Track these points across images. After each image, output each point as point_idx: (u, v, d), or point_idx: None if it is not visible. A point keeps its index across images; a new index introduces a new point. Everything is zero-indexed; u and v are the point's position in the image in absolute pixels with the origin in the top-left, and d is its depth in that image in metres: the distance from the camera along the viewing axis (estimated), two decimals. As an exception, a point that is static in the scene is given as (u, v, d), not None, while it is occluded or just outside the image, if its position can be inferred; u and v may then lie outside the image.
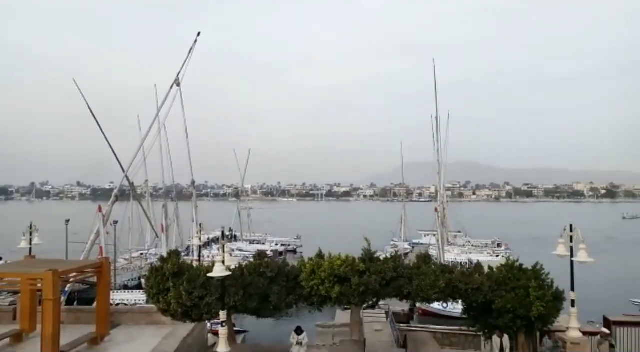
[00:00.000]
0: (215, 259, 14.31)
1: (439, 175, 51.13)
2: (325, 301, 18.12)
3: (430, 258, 19.55)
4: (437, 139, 50.25)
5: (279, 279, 17.93)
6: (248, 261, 19.40)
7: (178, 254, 19.56)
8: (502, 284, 17.78)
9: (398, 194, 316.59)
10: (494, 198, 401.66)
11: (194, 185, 63.45)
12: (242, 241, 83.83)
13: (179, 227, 63.48)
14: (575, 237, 16.53)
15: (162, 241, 51.68)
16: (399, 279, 17.82)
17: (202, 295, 16.94)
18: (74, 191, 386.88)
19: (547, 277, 17.97)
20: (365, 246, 18.72)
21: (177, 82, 37.67)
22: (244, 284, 17.27)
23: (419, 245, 77.82)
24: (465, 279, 17.69)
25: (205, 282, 16.83)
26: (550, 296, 17.31)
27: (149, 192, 66.28)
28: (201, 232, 29.36)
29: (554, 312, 17.64)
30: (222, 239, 15.23)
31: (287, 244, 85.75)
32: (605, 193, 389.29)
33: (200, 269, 18.12)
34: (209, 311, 17.17)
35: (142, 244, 63.70)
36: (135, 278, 51.28)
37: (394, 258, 18.75)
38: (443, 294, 17.89)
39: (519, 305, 17.24)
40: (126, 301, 36.45)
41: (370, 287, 17.42)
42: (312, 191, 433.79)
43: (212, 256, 51.32)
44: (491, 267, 18.87)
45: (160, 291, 17.81)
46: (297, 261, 19.42)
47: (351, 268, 17.66)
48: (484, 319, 18.55)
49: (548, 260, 18.28)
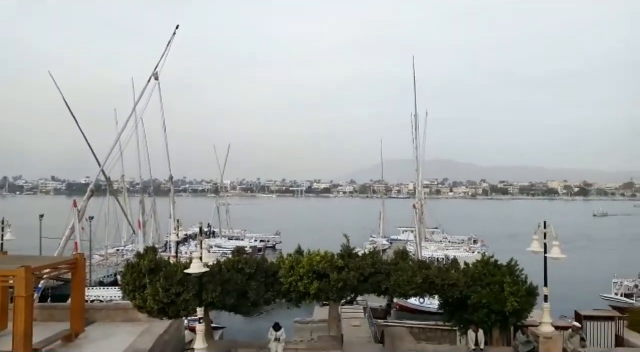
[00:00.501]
0: (193, 255, 14.21)
1: (418, 172, 51.65)
2: (303, 297, 18.17)
3: (408, 254, 19.79)
4: (415, 136, 50.80)
5: (257, 275, 17.91)
6: (226, 258, 19.30)
7: (155, 250, 19.37)
8: (478, 280, 18.10)
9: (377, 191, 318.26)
10: (471, 195, 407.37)
11: (172, 180, 62.77)
12: (221, 237, 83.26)
13: (157, 223, 62.86)
14: (548, 234, 16.89)
15: (139, 237, 51.12)
16: (377, 275, 17.99)
17: (179, 292, 16.79)
18: (49, 186, 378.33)
19: (522, 273, 18.36)
20: (345, 243, 18.83)
21: (156, 76, 37.08)
22: (222, 280, 17.19)
23: (397, 241, 78.50)
24: (442, 275, 17.96)
25: (182, 278, 16.67)
26: (524, 292, 17.71)
27: (125, 188, 65.40)
28: (179, 229, 29.05)
29: (528, 307, 18.06)
30: (199, 236, 15.13)
31: (267, 240, 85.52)
32: (579, 191, 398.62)
33: (177, 265, 17.94)
34: (186, 308, 17.05)
35: (119, 240, 62.86)
36: (111, 275, 50.62)
37: (372, 254, 18.92)
38: (420, 289, 18.15)
39: (493, 300, 17.59)
40: (102, 298, 36.03)
41: (348, 283, 17.54)
42: (292, 187, 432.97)
43: (190, 252, 50.90)
44: (467, 263, 19.17)
45: (137, 288, 17.62)
46: (276, 258, 19.42)
47: (330, 264, 17.75)
48: (459, 314, 18.86)
49: (523, 256, 18.65)
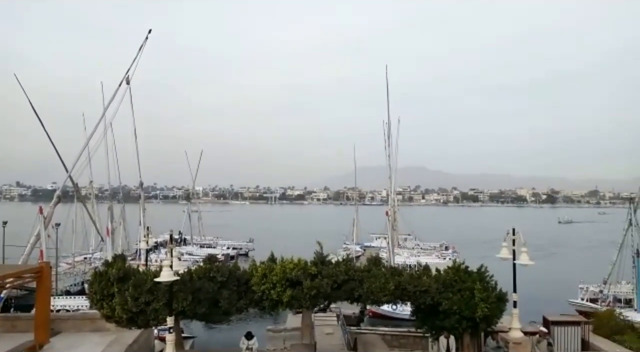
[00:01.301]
0: (163, 263, 13.96)
1: (390, 179, 52.07)
2: (276, 305, 18.02)
3: (381, 261, 19.86)
4: (388, 144, 51.25)
5: (229, 283, 17.68)
6: (198, 265, 19.02)
7: (124, 258, 18.96)
8: (449, 286, 18.29)
9: (351, 198, 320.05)
10: (442, 202, 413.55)
11: (142, 186, 61.63)
12: (192, 245, 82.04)
13: (126, 231, 61.52)
14: (517, 241, 17.26)
15: (107, 245, 49.91)
16: (350, 282, 18.00)
17: (148, 300, 16.45)
18: (13, 192, 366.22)
19: (491, 279, 18.65)
20: (318, 249, 18.80)
21: (127, 80, 36.55)
22: (193, 288, 16.93)
23: (371, 248, 78.88)
24: (414, 281, 18.09)
25: (152, 287, 16.36)
26: (494, 298, 17.98)
27: (94, 194, 63.87)
28: (149, 236, 28.51)
29: (498, 313, 18.33)
30: (170, 243, 14.87)
31: (239, 247, 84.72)
32: (546, 198, 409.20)
33: (147, 273, 17.60)
34: (155, 317, 16.71)
35: (86, 247, 61.22)
36: (78, 283, 49.27)
37: (345, 261, 18.92)
38: (392, 296, 18.22)
39: (464, 306, 17.79)
40: (68, 307, 35.05)
41: (321, 290, 17.49)
42: (265, 193, 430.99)
43: (160, 260, 49.99)
44: (438, 269, 19.38)
45: (105, 297, 17.20)
46: (249, 265, 19.24)
47: (303, 271, 17.67)
48: (431, 321, 19.01)
49: (492, 262, 18.98)
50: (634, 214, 39.12)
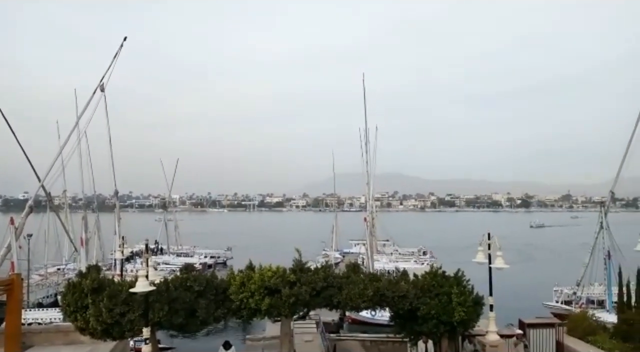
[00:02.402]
0: (139, 273, 13.75)
1: (368, 186, 52.40)
2: (254, 313, 17.90)
3: (359, 267, 19.92)
4: (366, 150, 51.60)
5: (206, 292, 17.48)
6: (174, 275, 18.77)
7: (98, 268, 18.63)
8: (427, 291, 18.47)
9: (330, 204, 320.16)
10: (420, 208, 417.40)
11: (117, 195, 60.52)
12: (169, 254, 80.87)
13: (100, 240, 60.23)
14: (492, 245, 17.55)
15: (81, 255, 48.83)
16: (329, 289, 18.00)
17: (123, 311, 16.14)
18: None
19: (468, 283, 18.90)
20: (296, 257, 18.76)
21: (102, 88, 36.01)
22: (170, 298, 16.68)
23: (350, 254, 78.97)
24: (392, 287, 18.19)
25: (127, 297, 16.05)
26: (470, 302, 18.23)
27: (67, 203, 62.51)
28: (124, 245, 28.01)
29: (474, 316, 18.58)
30: (145, 253, 14.67)
31: (217, 256, 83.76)
32: (521, 203, 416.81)
33: (122, 284, 17.28)
34: (131, 328, 16.39)
35: (59, 258, 59.74)
36: (51, 295, 48.05)
37: (324, 268, 18.91)
38: (371, 302, 18.27)
39: (442, 311, 17.98)
40: (40, 320, 34.07)
41: (300, 297, 17.44)
42: (244, 201, 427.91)
43: (135, 270, 49.13)
44: (416, 274, 19.55)
45: (78, 308, 16.81)
46: (227, 274, 19.08)
47: (282, 279, 17.59)
48: (409, 326, 19.14)
49: (469, 266, 19.25)
50: (604, 217, 40.10)
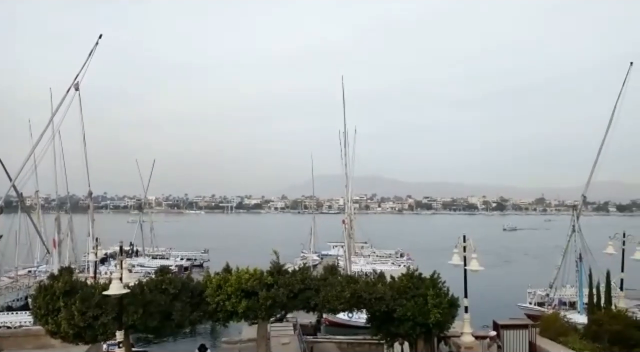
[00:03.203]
0: (112, 275, 13.53)
1: (347, 188, 52.52)
2: (231, 316, 17.79)
3: (337, 269, 19.98)
4: (345, 153, 51.70)
5: (182, 295, 17.31)
6: (149, 277, 18.52)
7: (70, 271, 18.24)
8: (403, 293, 18.60)
9: (309, 206, 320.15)
10: (398, 210, 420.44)
11: (91, 196, 59.27)
12: (144, 256, 79.58)
13: (73, 242, 58.92)
14: (467, 248, 17.79)
15: (54, 257, 47.74)
16: (307, 291, 18.01)
17: (96, 314, 15.87)
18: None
19: (444, 285, 19.12)
20: (274, 259, 18.71)
21: (76, 86, 35.38)
22: (144, 301, 16.45)
23: (328, 256, 79.06)
24: (369, 289, 18.29)
25: (100, 300, 15.79)
26: (446, 303, 18.44)
27: (39, 204, 61.03)
28: (97, 247, 27.50)
29: (450, 318, 18.81)
30: (119, 255, 14.44)
31: (193, 258, 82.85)
32: (496, 206, 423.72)
33: (95, 286, 16.99)
34: (104, 332, 16.14)
35: (31, 260, 58.23)
36: (22, 298, 46.77)
37: (302, 270, 18.93)
38: (348, 304, 18.35)
39: (418, 312, 18.13)
40: (9, 324, 33.16)
41: (277, 300, 17.40)
42: (221, 202, 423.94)
43: (110, 272, 48.24)
44: (393, 277, 19.67)
45: (50, 312, 16.46)
46: (203, 276, 18.90)
47: (259, 282, 17.52)
48: (386, 327, 19.25)
49: (444, 268, 19.46)
50: (576, 221, 41.00)
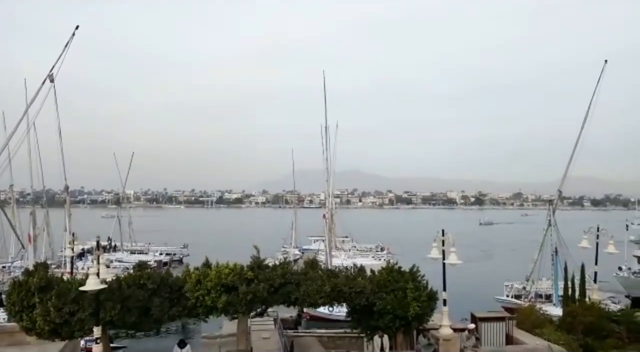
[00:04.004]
0: (89, 271, 13.32)
1: (328, 182, 52.65)
2: (211, 311, 17.70)
3: (317, 263, 20.03)
4: (326, 148, 51.78)
5: (161, 290, 17.14)
6: (128, 273, 18.29)
7: (46, 266, 17.92)
8: (383, 286, 18.75)
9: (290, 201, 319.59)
10: (378, 205, 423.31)
11: (67, 190, 58.17)
12: (123, 251, 78.61)
13: (50, 237, 57.84)
14: (446, 242, 18.00)
15: (29, 252, 46.86)
16: (287, 286, 18.01)
17: (73, 310, 15.62)
18: None
19: (423, 278, 19.33)
20: (254, 254, 18.65)
21: (51, 78, 34.71)
22: (122, 297, 16.25)
23: (309, 251, 79.22)
24: (350, 283, 18.40)
25: (77, 296, 15.54)
26: (425, 296, 18.64)
27: (14, 198, 59.69)
28: (74, 242, 27.04)
29: (429, 311, 19.03)
30: (96, 250, 14.22)
31: (173, 253, 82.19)
32: (474, 201, 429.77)
33: (71, 282, 16.71)
34: (81, 328, 15.90)
35: (5, 256, 56.94)
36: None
37: (282, 265, 18.92)
38: (329, 298, 18.43)
39: (397, 306, 18.31)
40: (-18, 321, 32.39)
41: (258, 295, 17.37)
42: (201, 197, 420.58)
43: (87, 267, 47.49)
44: (373, 270, 19.80)
45: (24, 308, 16.15)
46: (182, 271, 18.74)
47: (239, 276, 17.46)
48: (366, 321, 19.39)
49: (424, 262, 19.65)
50: (552, 215, 41.84)
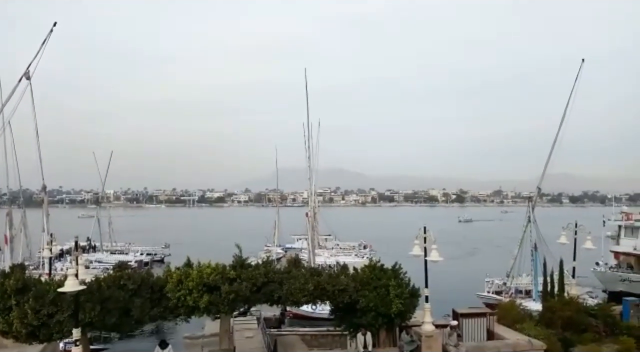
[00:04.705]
0: (68, 272, 13.08)
1: (310, 181, 52.58)
2: (192, 311, 17.56)
3: (300, 262, 20.03)
4: (308, 146, 51.69)
5: (142, 291, 16.95)
6: (107, 273, 18.03)
7: (23, 267, 17.60)
8: (366, 284, 18.84)
9: (273, 200, 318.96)
10: (361, 203, 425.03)
11: (45, 190, 57.08)
12: (102, 252, 77.50)
13: (27, 238, 56.64)
14: (428, 239, 18.14)
15: (5, 254, 45.84)
16: (270, 284, 17.96)
17: (51, 312, 15.34)
18: None
19: (405, 275, 19.46)
20: (237, 253, 18.55)
21: (27, 76, 34.02)
22: (102, 298, 16.02)
23: (292, 249, 79.14)
24: (332, 281, 18.44)
25: (55, 298, 15.26)
26: (407, 294, 18.81)
27: (-11, 199, 58.39)
28: (52, 243, 26.54)
29: (411, 308, 19.20)
30: (75, 250, 13.96)
31: (154, 253, 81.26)
32: (456, 198, 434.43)
33: (50, 284, 16.39)
34: (60, 330, 15.61)
35: (-20, 258, 55.65)
36: (-30, 298, 44.70)
37: (265, 263, 18.86)
38: (312, 296, 18.44)
39: (380, 303, 18.42)
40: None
41: (240, 294, 17.28)
42: (183, 196, 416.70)
43: (66, 268, 46.66)
44: (356, 268, 19.86)
45: (1, 311, 15.82)
46: (164, 271, 18.55)
47: (221, 276, 17.35)
48: (349, 319, 19.45)
49: (406, 259, 19.77)
50: (532, 212, 42.46)
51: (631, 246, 49.89)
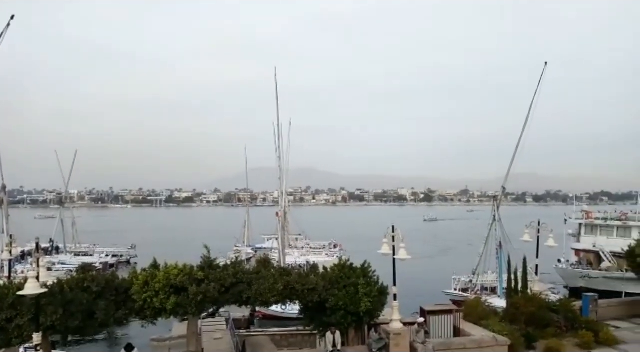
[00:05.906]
0: (28, 274, 12.65)
1: (281, 180, 52.43)
2: (159, 313, 17.26)
3: (270, 262, 19.93)
4: (278, 145, 51.52)
5: (106, 293, 16.56)
6: (71, 275, 17.53)
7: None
8: (335, 283, 18.92)
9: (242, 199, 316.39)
10: (332, 202, 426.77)
11: (4, 190, 54.99)
12: (66, 253, 75.29)
13: (-15, 240, 54.50)
14: (396, 237, 18.34)
15: (-38, 257, 43.81)
16: (239, 285, 17.82)
17: (10, 316, 14.84)
18: None
19: (374, 274, 19.61)
20: (205, 253, 18.34)
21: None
22: (64, 301, 15.55)
23: (262, 249, 78.63)
24: (302, 280, 18.44)
25: (15, 301, 14.77)
26: (376, 292, 18.96)
27: (-56, 200, 55.79)
28: (12, 244, 25.59)
29: (379, 306, 19.35)
30: (36, 252, 13.51)
31: (120, 254, 79.42)
32: (424, 197, 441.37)
33: (9, 287, 15.82)
34: (19, 334, 15.11)
35: None
36: None
37: (234, 264, 18.70)
38: (281, 296, 18.39)
39: (349, 302, 18.52)
40: None
41: (208, 295, 17.08)
42: (150, 196, 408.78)
43: (26, 271, 45.07)
44: (325, 267, 19.91)
45: (-44, 316, 15.09)
46: (129, 273, 18.16)
47: (189, 277, 17.12)
48: (319, 318, 19.48)
49: (375, 258, 19.92)
50: (497, 210, 43.47)
51: (591, 243, 51.70)
